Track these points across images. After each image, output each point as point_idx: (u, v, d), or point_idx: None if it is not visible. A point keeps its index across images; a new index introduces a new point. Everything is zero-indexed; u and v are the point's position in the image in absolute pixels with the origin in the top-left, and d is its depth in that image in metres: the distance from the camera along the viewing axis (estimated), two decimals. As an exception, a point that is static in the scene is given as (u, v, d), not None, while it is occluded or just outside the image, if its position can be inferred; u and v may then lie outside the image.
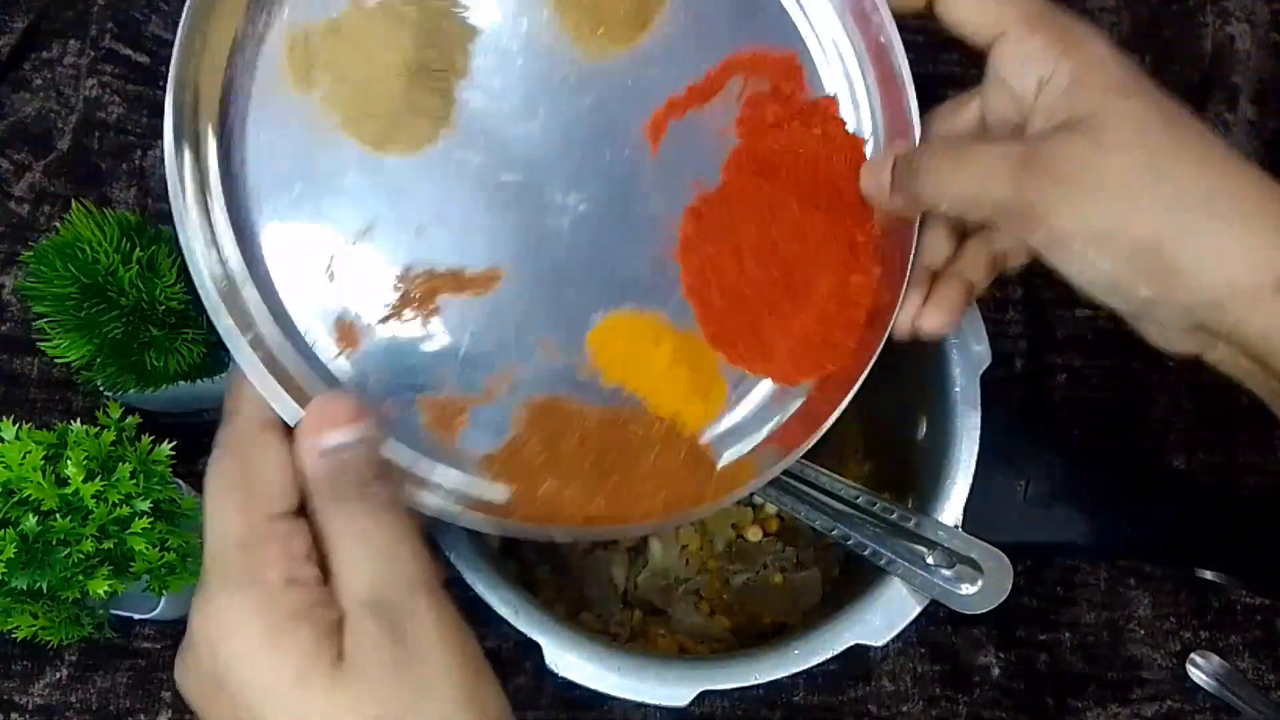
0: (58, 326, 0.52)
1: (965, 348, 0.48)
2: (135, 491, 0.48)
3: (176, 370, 0.54)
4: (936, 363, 0.49)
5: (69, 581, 0.47)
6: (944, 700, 0.58)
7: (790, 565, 0.56)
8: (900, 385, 0.54)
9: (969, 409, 0.48)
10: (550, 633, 0.45)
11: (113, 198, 0.64)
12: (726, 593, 0.55)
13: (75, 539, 0.46)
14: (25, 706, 0.56)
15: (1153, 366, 0.63)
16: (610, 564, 0.55)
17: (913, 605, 0.45)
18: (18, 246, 0.63)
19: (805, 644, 0.45)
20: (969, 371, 0.48)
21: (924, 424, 0.51)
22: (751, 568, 0.55)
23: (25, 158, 0.65)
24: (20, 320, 0.62)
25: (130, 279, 0.51)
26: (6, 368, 0.62)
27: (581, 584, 0.55)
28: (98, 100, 0.65)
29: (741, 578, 0.55)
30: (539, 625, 0.45)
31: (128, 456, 0.49)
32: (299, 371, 0.39)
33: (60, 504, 0.47)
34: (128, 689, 0.57)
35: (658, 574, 0.54)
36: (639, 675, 0.45)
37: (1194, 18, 0.68)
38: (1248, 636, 0.59)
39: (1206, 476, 0.61)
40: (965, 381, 0.48)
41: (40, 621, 0.50)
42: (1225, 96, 0.66)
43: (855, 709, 0.58)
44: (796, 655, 0.45)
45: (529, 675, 0.57)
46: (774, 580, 0.55)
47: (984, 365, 0.48)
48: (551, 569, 0.56)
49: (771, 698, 0.58)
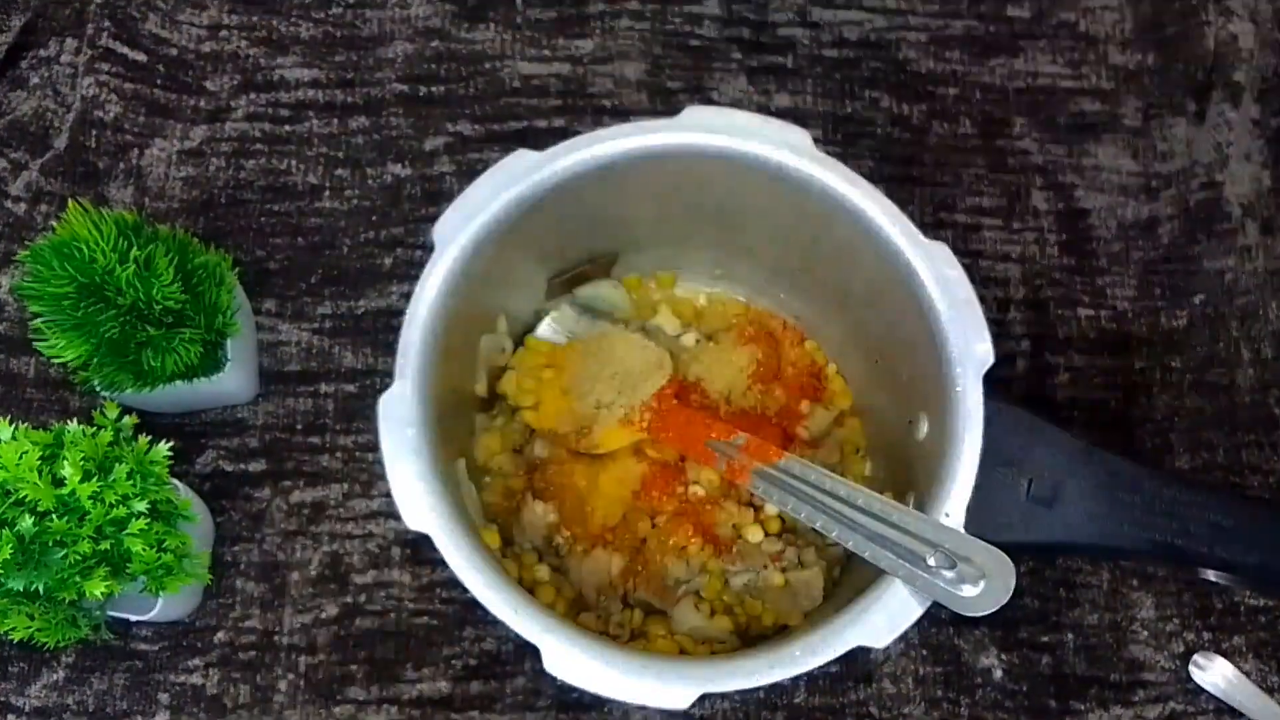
0: (54, 326, 0.52)
1: (968, 347, 0.48)
2: (132, 492, 0.48)
3: (174, 370, 0.54)
4: (938, 363, 0.49)
5: (66, 582, 0.47)
6: (945, 702, 0.58)
7: (791, 565, 0.55)
8: (901, 385, 0.54)
9: (971, 409, 0.47)
10: (550, 632, 0.45)
11: (110, 197, 0.64)
12: (727, 593, 0.55)
13: (72, 540, 0.46)
14: (22, 708, 0.56)
15: (1155, 366, 0.63)
16: (610, 565, 0.55)
17: (915, 606, 0.45)
18: (14, 246, 0.63)
19: (806, 645, 0.45)
20: (971, 371, 0.48)
21: (925, 424, 0.51)
22: (752, 568, 0.55)
23: (22, 156, 0.65)
24: (17, 320, 0.62)
25: (127, 278, 0.51)
26: (3, 367, 0.62)
27: (581, 585, 0.55)
28: (95, 99, 0.65)
29: (742, 578, 0.55)
30: (539, 625, 0.45)
31: (125, 457, 0.49)
32: None
33: (57, 504, 0.46)
34: (125, 690, 0.57)
35: (657, 575, 0.54)
36: (639, 676, 0.44)
37: (1197, 15, 0.68)
38: (1251, 638, 0.59)
39: (1209, 475, 0.61)
40: (967, 381, 0.48)
41: (37, 623, 0.50)
42: (1228, 94, 0.66)
43: (857, 711, 0.57)
44: (797, 656, 0.45)
45: (528, 676, 0.57)
46: (774, 581, 0.55)
47: (986, 365, 0.48)
48: (551, 569, 0.56)
49: (772, 699, 0.57)
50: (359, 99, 0.66)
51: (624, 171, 0.51)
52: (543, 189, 0.50)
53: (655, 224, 0.57)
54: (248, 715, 0.56)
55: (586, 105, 0.66)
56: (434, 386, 0.49)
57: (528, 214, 0.50)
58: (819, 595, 0.54)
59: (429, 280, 0.49)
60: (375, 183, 0.65)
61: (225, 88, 0.66)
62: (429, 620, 0.58)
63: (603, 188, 0.52)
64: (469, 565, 0.46)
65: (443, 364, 0.49)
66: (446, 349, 0.50)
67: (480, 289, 0.51)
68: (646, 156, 0.50)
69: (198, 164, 0.65)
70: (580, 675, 0.44)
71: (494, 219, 0.50)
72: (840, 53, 0.68)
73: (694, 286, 0.62)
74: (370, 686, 0.57)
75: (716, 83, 0.67)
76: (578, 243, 0.57)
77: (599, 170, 0.50)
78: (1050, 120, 0.67)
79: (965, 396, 0.47)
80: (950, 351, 0.48)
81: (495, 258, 0.51)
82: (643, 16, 0.68)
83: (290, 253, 0.64)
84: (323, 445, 0.61)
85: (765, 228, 0.55)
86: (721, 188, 0.52)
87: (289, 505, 0.60)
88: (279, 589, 0.58)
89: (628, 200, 0.54)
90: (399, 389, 0.47)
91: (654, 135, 0.50)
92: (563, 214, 0.52)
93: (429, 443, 0.47)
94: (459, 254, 0.49)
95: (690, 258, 0.60)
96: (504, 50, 0.67)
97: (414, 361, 0.48)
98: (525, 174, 0.50)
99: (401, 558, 0.59)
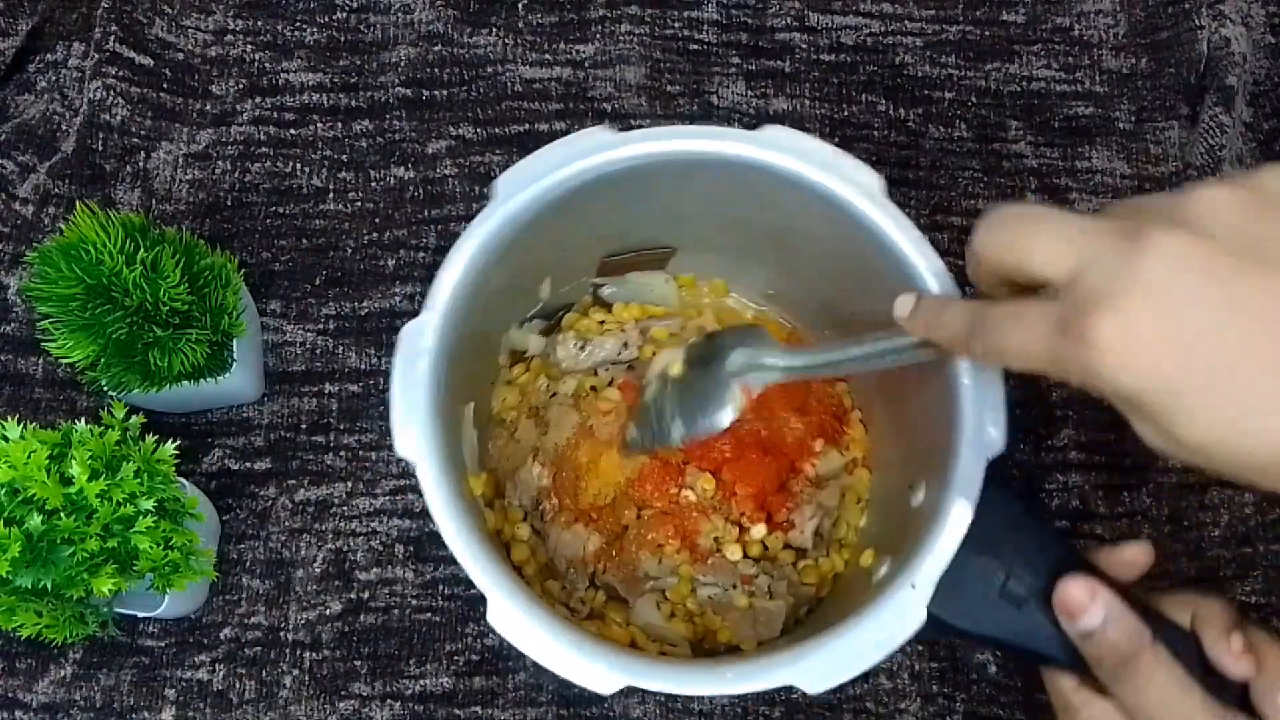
0: (62, 327, 0.52)
1: (981, 429, 0.46)
2: (139, 490, 0.49)
3: (180, 370, 0.54)
4: (948, 436, 0.47)
5: (73, 580, 0.47)
6: (941, 698, 0.58)
7: (760, 592, 0.55)
8: (912, 449, 0.53)
9: (967, 490, 0.46)
10: (501, 588, 0.45)
11: (117, 199, 0.65)
12: (691, 600, 0.54)
13: (80, 538, 0.47)
14: (30, 704, 0.57)
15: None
16: (588, 542, 0.55)
17: (859, 664, 0.44)
18: (22, 248, 0.64)
19: (740, 671, 0.45)
20: (977, 455, 0.46)
21: (923, 491, 0.50)
22: (722, 583, 0.55)
23: (30, 159, 0.65)
24: (25, 321, 0.63)
25: (134, 280, 0.51)
26: (12, 368, 0.62)
27: (555, 553, 0.55)
28: (102, 102, 0.66)
29: (709, 590, 0.55)
30: (491, 578, 0.45)
31: (132, 456, 0.49)
32: None
33: (65, 503, 0.47)
34: (131, 686, 0.57)
35: (629, 564, 0.55)
36: (574, 651, 0.44)
37: (1190, 20, 0.69)
38: (1243, 635, 0.59)
39: (1201, 475, 0.61)
40: (971, 462, 0.46)
41: (45, 620, 0.50)
42: (1221, 98, 0.67)
43: (854, 706, 0.58)
44: (728, 678, 0.44)
45: (530, 672, 0.58)
46: (739, 602, 0.54)
47: (994, 452, 0.46)
48: (533, 530, 0.56)
49: (770, 694, 0.58)
50: (362, 103, 0.67)
51: (693, 172, 0.51)
52: (611, 168, 0.50)
53: (716, 230, 0.57)
54: (253, 711, 0.57)
55: (587, 109, 0.67)
56: (462, 325, 0.49)
57: (591, 188, 0.50)
58: (778, 628, 0.54)
59: (481, 225, 0.49)
60: (378, 185, 0.66)
61: (231, 92, 0.67)
62: (432, 616, 0.59)
63: (672, 183, 0.52)
64: (444, 503, 0.46)
65: (477, 307, 0.50)
66: (484, 294, 0.50)
67: (530, 246, 0.51)
68: (719, 163, 0.50)
69: (204, 167, 0.66)
70: (517, 635, 0.44)
71: (557, 184, 0.49)
72: (837, 57, 0.69)
73: (745, 300, 0.62)
74: (374, 682, 0.58)
75: (715, 87, 0.68)
76: (638, 230, 0.57)
77: (669, 164, 0.50)
78: (1044, 124, 0.68)
79: (964, 477, 0.46)
80: (962, 428, 0.47)
81: (551, 222, 0.50)
82: (642, 21, 0.69)
83: (295, 254, 0.64)
84: (327, 444, 0.61)
85: (820, 259, 0.54)
86: (785, 211, 0.52)
87: (294, 503, 0.60)
88: (284, 586, 0.59)
89: (692, 200, 0.54)
90: (424, 319, 0.48)
91: (730, 144, 0.50)
92: (626, 198, 0.52)
93: (440, 379, 0.47)
94: (517, 207, 0.49)
95: (745, 271, 0.60)
96: (506, 55, 0.68)
97: (444, 296, 0.48)
98: (596, 150, 0.49)
99: (405, 555, 0.60)
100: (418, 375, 0.47)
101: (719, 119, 0.66)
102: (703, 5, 0.69)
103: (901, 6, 0.70)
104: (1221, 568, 0.60)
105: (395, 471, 0.61)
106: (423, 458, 0.46)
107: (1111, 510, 0.61)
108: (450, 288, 0.48)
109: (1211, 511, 0.61)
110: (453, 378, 0.49)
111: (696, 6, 0.69)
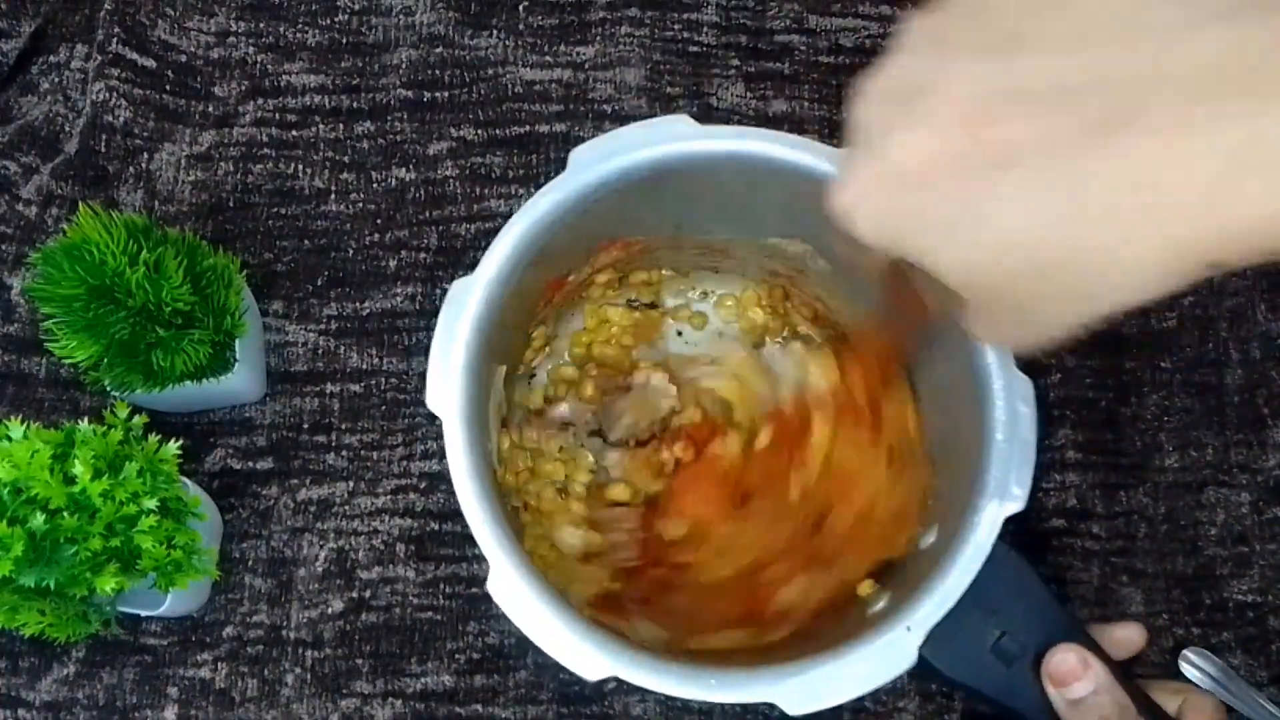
0: (65, 327, 0.53)
1: (1005, 484, 0.46)
2: (142, 490, 0.49)
3: (183, 370, 0.54)
4: (969, 487, 0.47)
5: (76, 579, 0.47)
6: (940, 695, 0.58)
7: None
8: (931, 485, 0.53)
9: (979, 542, 0.45)
10: (506, 554, 0.45)
11: (120, 200, 0.65)
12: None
13: (83, 537, 0.47)
14: (32, 703, 0.57)
15: (1145, 366, 0.64)
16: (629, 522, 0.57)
17: (844, 693, 0.44)
18: (26, 248, 0.64)
19: (725, 679, 0.45)
20: (996, 509, 0.46)
21: (933, 534, 0.50)
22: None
23: (33, 160, 0.65)
24: (28, 321, 0.63)
25: (137, 280, 0.51)
26: (15, 368, 0.62)
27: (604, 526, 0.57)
28: (105, 104, 0.66)
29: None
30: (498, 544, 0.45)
31: (135, 455, 0.50)
32: None
33: (68, 502, 0.47)
34: (134, 685, 0.58)
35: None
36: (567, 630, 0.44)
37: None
38: (1240, 633, 0.60)
39: (1198, 475, 0.62)
40: (988, 517, 0.46)
41: (48, 618, 0.50)
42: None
43: (852, 705, 0.58)
44: (711, 685, 0.44)
45: (530, 670, 0.58)
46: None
47: (1015, 509, 0.46)
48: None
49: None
50: (364, 104, 0.67)
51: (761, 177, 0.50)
52: (692, 158, 0.50)
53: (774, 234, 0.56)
54: (255, 708, 0.57)
55: (588, 110, 0.67)
56: (511, 288, 0.49)
57: (667, 175, 0.50)
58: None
59: (549, 193, 0.49)
60: (380, 186, 0.66)
61: (233, 93, 0.67)
62: (433, 615, 0.59)
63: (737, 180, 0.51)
64: (464, 460, 0.47)
65: (531, 273, 0.50)
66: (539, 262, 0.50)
67: (595, 221, 0.51)
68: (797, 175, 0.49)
69: (206, 168, 0.66)
70: (513, 607, 0.45)
71: (634, 165, 0.49)
72: (836, 59, 0.69)
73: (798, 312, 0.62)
74: (375, 680, 0.58)
75: (715, 88, 0.68)
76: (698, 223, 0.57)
77: (751, 165, 0.50)
78: (1043, 125, 0.68)
79: (978, 529, 0.46)
80: (987, 481, 0.46)
81: (621, 197, 0.50)
82: (642, 24, 0.69)
83: (297, 255, 0.65)
84: (329, 444, 0.62)
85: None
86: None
87: (296, 503, 0.61)
88: (286, 585, 0.59)
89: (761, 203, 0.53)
90: (476, 278, 0.48)
91: (813, 158, 0.49)
92: (702, 191, 0.52)
93: (481, 340, 0.48)
94: (592, 179, 0.49)
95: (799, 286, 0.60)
96: (507, 56, 0.68)
97: (500, 257, 0.48)
98: (677, 138, 0.49)
99: (406, 554, 0.60)
100: (458, 335, 0.48)
101: (718, 120, 0.67)
102: (702, 7, 0.70)
103: (900, 9, 0.70)
104: (1218, 566, 0.60)
105: (396, 471, 0.61)
106: (451, 415, 0.47)
107: (1109, 509, 0.61)
108: (507, 250, 0.48)
109: (1208, 510, 0.61)
110: (493, 340, 0.49)
111: (696, 9, 0.70)
